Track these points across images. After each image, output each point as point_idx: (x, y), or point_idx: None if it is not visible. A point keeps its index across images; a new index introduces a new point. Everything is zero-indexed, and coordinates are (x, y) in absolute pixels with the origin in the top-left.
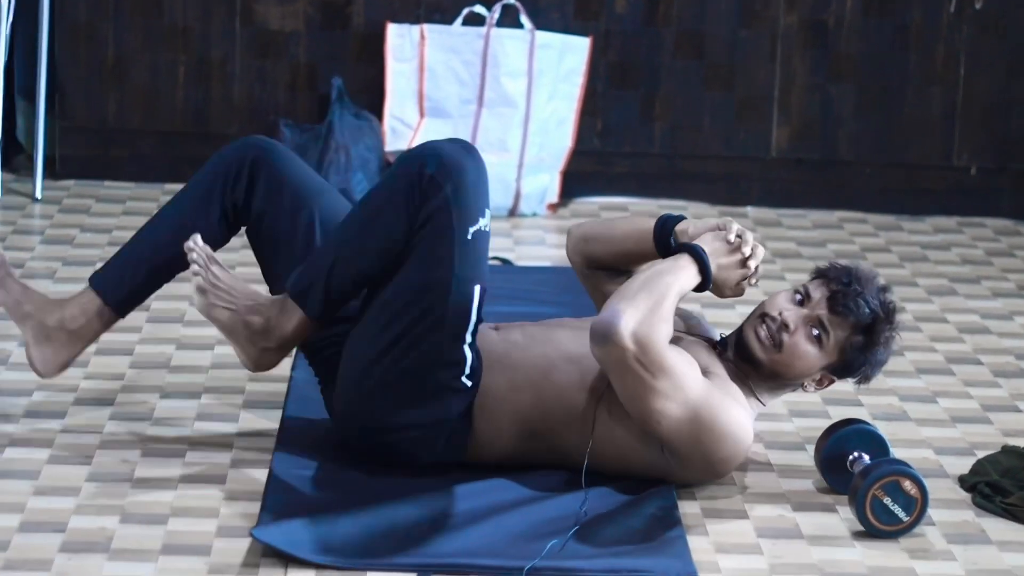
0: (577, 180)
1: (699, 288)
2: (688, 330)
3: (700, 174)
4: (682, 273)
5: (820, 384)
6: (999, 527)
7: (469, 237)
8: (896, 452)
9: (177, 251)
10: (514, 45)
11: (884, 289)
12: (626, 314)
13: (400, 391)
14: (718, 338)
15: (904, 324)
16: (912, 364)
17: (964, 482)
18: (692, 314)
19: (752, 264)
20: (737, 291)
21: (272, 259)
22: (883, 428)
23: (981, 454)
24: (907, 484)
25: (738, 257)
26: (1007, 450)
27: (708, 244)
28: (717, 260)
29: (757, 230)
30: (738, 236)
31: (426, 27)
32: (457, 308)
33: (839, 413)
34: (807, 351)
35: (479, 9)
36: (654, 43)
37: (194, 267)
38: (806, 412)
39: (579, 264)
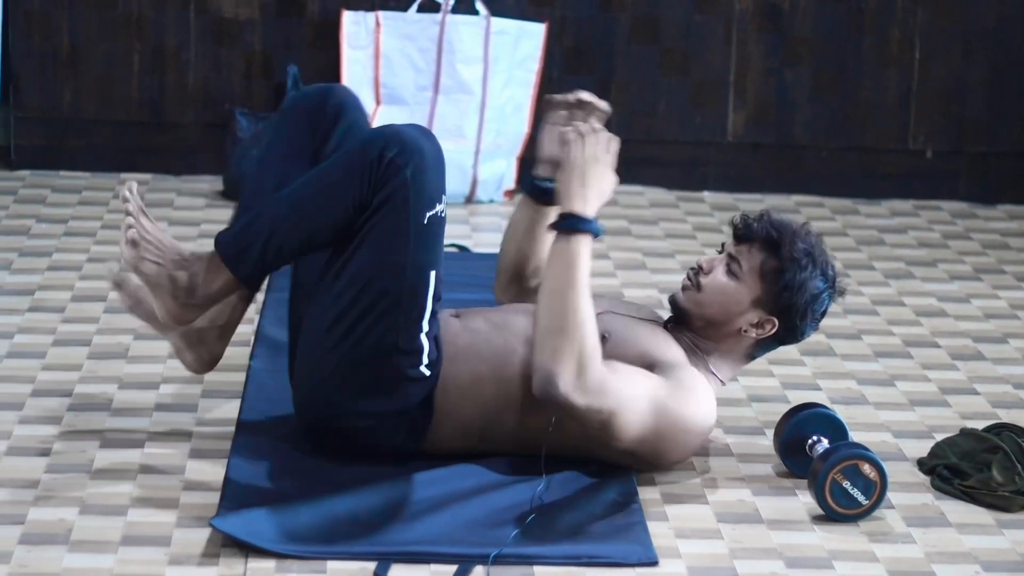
0: (534, 166)
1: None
2: (639, 314)
3: (656, 159)
4: (575, 264)
5: (761, 327)
6: (958, 510)
7: (425, 222)
8: (855, 436)
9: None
10: (469, 31)
11: (801, 229)
12: (559, 376)
13: (357, 380)
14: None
15: (857, 305)
16: (870, 348)
17: (923, 465)
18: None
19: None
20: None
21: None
22: (842, 412)
23: (940, 437)
24: (866, 467)
25: (602, 139)
26: (965, 433)
27: (572, 176)
28: (584, 175)
29: (714, 215)
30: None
31: (381, 14)
32: (411, 293)
33: (798, 397)
34: (725, 284)
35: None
36: (609, 28)
37: (128, 219)
38: (765, 397)
39: (513, 296)
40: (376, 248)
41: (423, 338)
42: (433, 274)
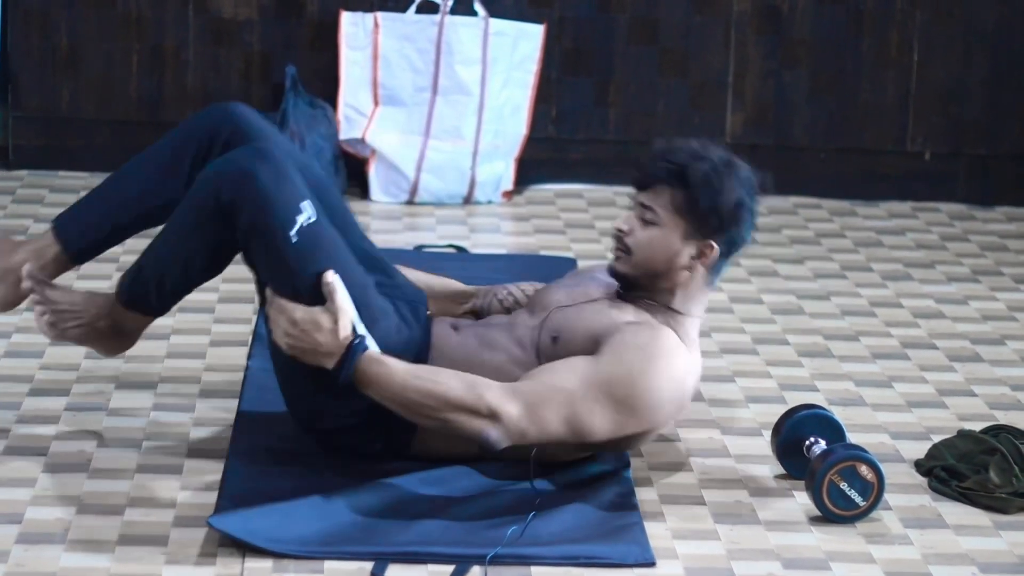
0: (532, 167)
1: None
2: (593, 293)
3: None
4: (380, 385)
5: (703, 255)
6: (955, 511)
7: (294, 240)
8: (852, 437)
9: (141, 211)
10: (468, 32)
11: (695, 148)
12: (488, 434)
13: (325, 381)
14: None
15: (855, 307)
16: (867, 349)
17: (920, 467)
18: (586, 274)
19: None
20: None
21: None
22: (839, 413)
23: (937, 439)
24: (863, 469)
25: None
26: (963, 434)
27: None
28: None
29: None
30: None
31: (380, 15)
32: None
33: (795, 399)
34: (650, 236)
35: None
36: (608, 29)
37: (38, 307)
38: (762, 398)
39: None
40: (272, 280)
41: (369, 343)
42: (329, 273)
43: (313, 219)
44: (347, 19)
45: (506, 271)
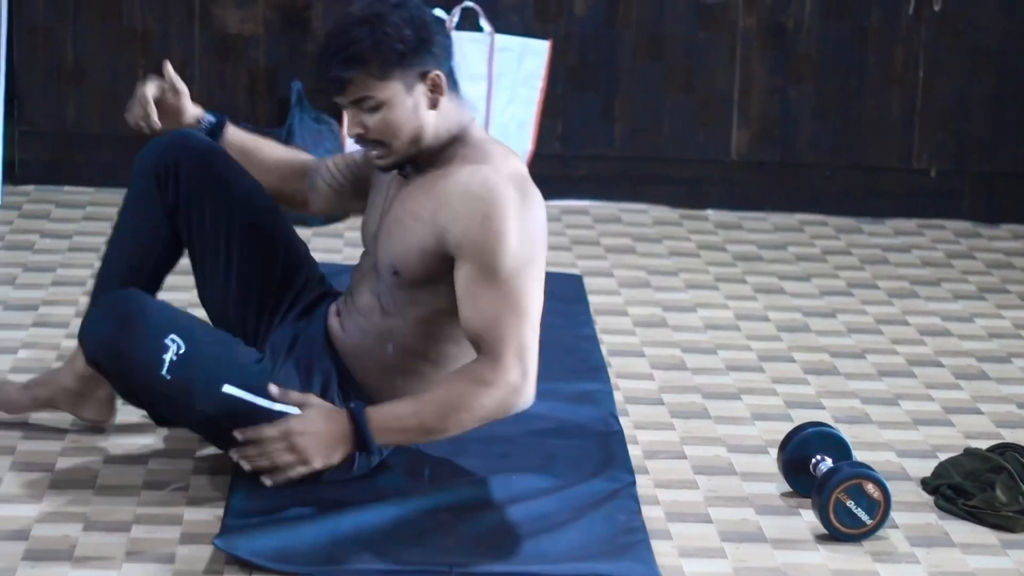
0: (538, 183)
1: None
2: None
3: (660, 177)
4: (402, 433)
5: (435, 87)
6: (962, 529)
7: (168, 379)
8: (858, 455)
9: (151, 252)
10: (474, 48)
11: (346, 24)
12: (518, 399)
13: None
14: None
15: (861, 325)
16: (873, 367)
17: (927, 485)
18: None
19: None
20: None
21: (200, 262)
22: (845, 431)
23: (943, 456)
24: (870, 487)
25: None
26: (969, 452)
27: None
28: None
29: (718, 233)
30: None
31: None
32: (241, 416)
33: (801, 416)
34: (384, 116)
35: (439, 12)
36: (613, 45)
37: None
38: (769, 415)
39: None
40: (187, 422)
41: (284, 408)
42: (228, 388)
43: (183, 348)
44: None
45: None
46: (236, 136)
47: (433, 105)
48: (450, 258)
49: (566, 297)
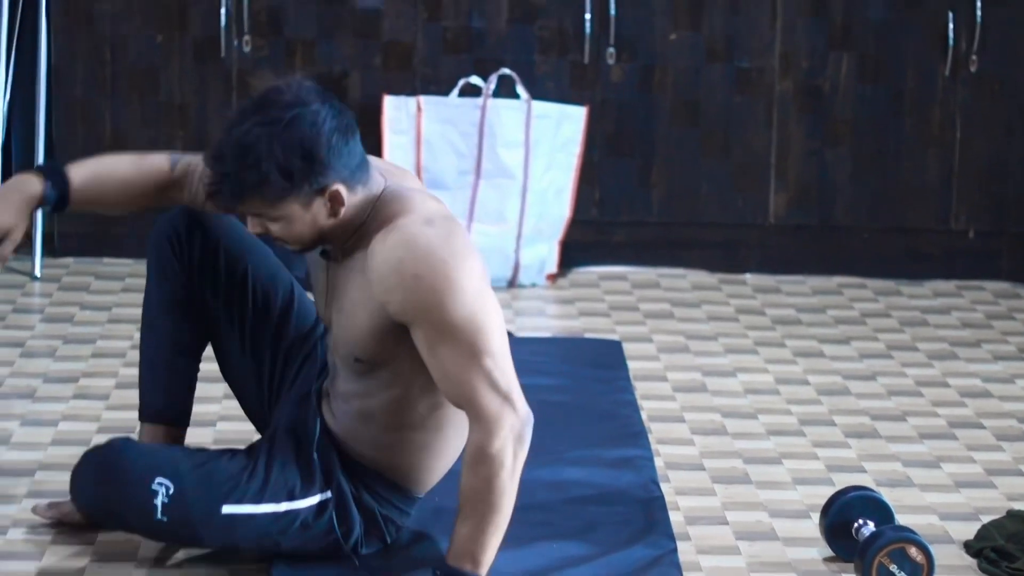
0: (576, 250)
1: None
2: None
3: (698, 241)
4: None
5: (334, 201)
6: None
7: (165, 520)
8: (901, 518)
9: (184, 341)
10: (511, 115)
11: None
12: (517, 447)
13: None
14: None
15: (902, 387)
16: (915, 429)
17: (970, 548)
18: None
19: None
20: None
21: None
22: (887, 494)
23: (986, 519)
24: (913, 551)
25: None
26: (1012, 515)
27: None
28: None
29: (757, 297)
30: None
31: (422, 99)
32: (249, 528)
33: (843, 480)
34: (283, 227)
35: (475, 80)
36: (650, 111)
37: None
38: (810, 480)
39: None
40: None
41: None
42: (225, 507)
43: (171, 489)
44: (390, 103)
45: (551, 354)
46: (82, 192)
47: (334, 214)
48: (403, 326)
49: (606, 363)
